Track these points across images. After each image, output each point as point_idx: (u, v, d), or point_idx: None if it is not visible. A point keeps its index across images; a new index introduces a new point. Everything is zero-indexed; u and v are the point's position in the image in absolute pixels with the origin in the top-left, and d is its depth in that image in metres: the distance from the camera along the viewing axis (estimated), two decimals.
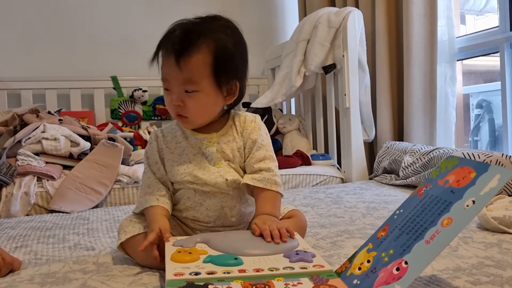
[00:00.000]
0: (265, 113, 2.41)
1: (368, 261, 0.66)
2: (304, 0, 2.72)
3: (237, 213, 0.95)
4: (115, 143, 1.85)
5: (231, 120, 0.98)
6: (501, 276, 0.74)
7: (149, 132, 2.27)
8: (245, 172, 0.95)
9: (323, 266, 0.68)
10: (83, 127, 1.94)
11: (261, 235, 0.80)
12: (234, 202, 0.94)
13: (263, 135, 0.97)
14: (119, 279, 0.81)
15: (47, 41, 2.51)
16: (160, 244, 0.82)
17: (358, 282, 0.64)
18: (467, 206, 0.62)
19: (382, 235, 0.70)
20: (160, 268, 0.84)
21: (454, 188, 0.66)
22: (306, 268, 0.67)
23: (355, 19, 1.99)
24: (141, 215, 0.94)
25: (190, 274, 0.65)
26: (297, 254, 0.72)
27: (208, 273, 0.65)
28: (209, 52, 0.87)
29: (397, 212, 0.72)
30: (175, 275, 0.65)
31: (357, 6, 2.24)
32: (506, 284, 0.70)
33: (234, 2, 2.79)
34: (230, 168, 0.93)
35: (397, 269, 0.60)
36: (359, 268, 0.66)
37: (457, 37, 2.03)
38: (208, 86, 0.88)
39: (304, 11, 2.71)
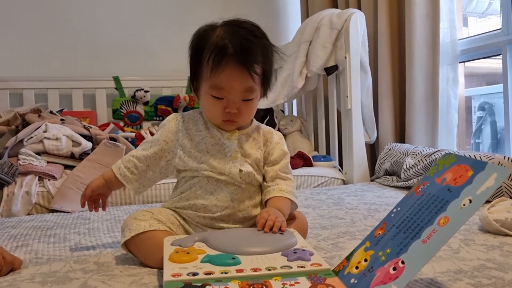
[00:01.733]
0: (267, 114, 2.41)
1: (366, 260, 0.66)
2: (306, 1, 2.73)
3: (244, 209, 0.96)
4: (117, 143, 1.85)
5: (253, 126, 1.02)
6: (503, 278, 0.74)
7: (150, 133, 2.28)
8: (260, 172, 1.00)
9: (320, 265, 0.68)
10: (84, 127, 1.95)
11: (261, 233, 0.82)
12: (244, 197, 0.96)
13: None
14: (119, 278, 0.81)
15: (50, 41, 2.52)
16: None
17: (356, 281, 0.63)
18: (464, 205, 0.61)
19: (379, 233, 0.69)
20: (161, 268, 0.84)
21: (451, 186, 0.66)
22: (304, 267, 0.67)
23: (357, 21, 1.99)
24: (147, 212, 0.94)
25: (188, 274, 0.65)
26: (295, 252, 0.72)
27: (206, 273, 0.65)
28: (262, 62, 0.93)
29: (395, 210, 0.72)
30: (173, 275, 0.65)
31: (359, 8, 2.25)
32: (508, 287, 0.70)
33: (236, 3, 2.80)
34: (245, 162, 0.97)
35: (394, 269, 0.59)
36: (357, 267, 0.66)
37: (459, 39, 2.03)
38: (258, 92, 0.96)
39: (306, 13, 2.71)
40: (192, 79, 0.97)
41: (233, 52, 0.88)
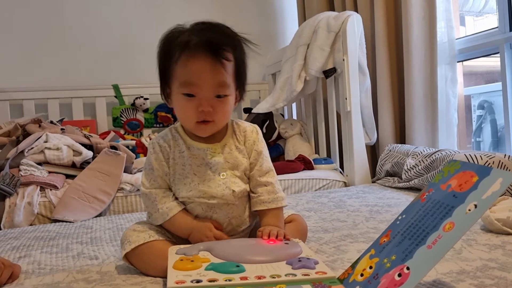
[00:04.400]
0: (267, 118, 2.41)
1: (371, 267, 0.66)
2: (303, 5, 2.73)
3: (242, 222, 0.96)
4: (117, 151, 1.85)
5: (230, 129, 0.97)
6: (506, 278, 0.73)
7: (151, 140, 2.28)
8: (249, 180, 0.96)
9: (325, 273, 0.68)
10: (85, 136, 1.95)
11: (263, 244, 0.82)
12: (239, 212, 0.95)
13: (265, 147, 0.98)
14: None
15: (49, 51, 2.52)
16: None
17: None
18: (469, 210, 0.61)
19: (384, 241, 0.69)
20: (163, 277, 0.84)
21: (457, 192, 0.66)
22: (309, 275, 0.67)
23: (355, 23, 1.99)
24: (145, 223, 0.94)
25: (192, 281, 0.65)
26: (300, 261, 0.72)
27: (210, 281, 0.65)
28: (234, 56, 0.89)
29: (400, 217, 0.72)
30: (177, 282, 0.65)
31: (356, 10, 2.25)
32: (511, 287, 0.70)
33: (234, 8, 2.81)
34: (235, 178, 0.93)
35: (399, 275, 0.59)
36: (362, 275, 0.66)
37: (456, 39, 2.03)
38: (233, 90, 0.91)
39: (303, 16, 2.72)
40: (163, 86, 0.93)
41: (200, 44, 0.85)
